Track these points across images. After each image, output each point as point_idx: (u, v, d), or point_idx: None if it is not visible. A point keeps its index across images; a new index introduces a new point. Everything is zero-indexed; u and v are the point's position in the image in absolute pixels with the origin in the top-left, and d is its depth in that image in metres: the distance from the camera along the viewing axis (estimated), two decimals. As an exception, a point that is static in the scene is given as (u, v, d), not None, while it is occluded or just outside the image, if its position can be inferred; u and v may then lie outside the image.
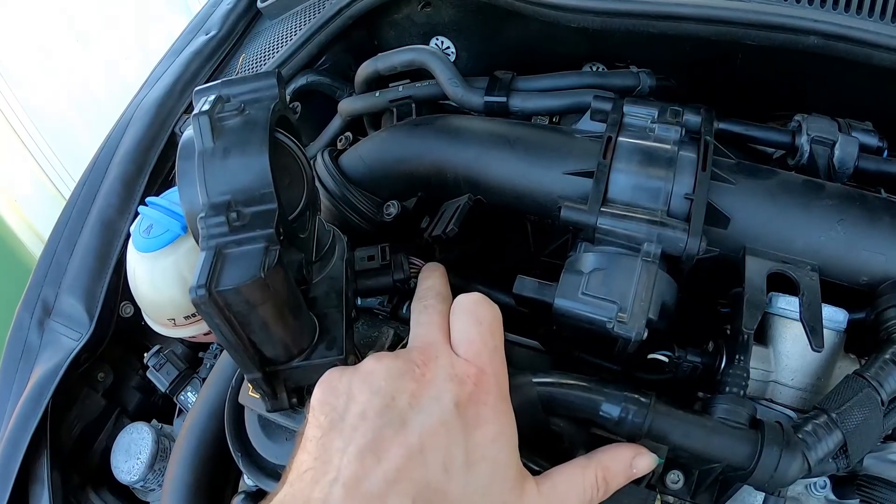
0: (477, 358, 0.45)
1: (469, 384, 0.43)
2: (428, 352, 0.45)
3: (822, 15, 0.64)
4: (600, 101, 0.63)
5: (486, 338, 0.46)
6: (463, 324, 0.47)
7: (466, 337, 0.46)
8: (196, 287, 0.39)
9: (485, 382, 0.44)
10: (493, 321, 0.47)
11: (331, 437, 0.41)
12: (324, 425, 0.42)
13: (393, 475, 0.39)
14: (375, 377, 0.43)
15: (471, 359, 0.45)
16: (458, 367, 0.44)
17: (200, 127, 0.42)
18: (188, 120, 0.94)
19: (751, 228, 0.59)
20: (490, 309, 0.48)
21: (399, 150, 0.70)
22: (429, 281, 0.53)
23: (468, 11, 0.85)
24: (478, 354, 0.45)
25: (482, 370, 0.44)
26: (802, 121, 0.66)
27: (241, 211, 0.42)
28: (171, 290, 0.80)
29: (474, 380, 0.43)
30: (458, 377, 0.43)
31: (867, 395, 0.50)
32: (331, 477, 0.39)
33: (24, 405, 0.82)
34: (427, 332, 0.47)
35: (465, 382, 0.43)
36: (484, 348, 0.45)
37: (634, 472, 0.48)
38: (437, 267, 0.56)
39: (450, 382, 0.43)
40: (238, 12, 1.06)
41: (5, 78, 2.30)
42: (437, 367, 0.44)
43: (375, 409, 0.41)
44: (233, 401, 0.63)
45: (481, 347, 0.45)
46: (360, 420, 0.41)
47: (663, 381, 0.59)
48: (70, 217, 0.94)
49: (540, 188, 0.63)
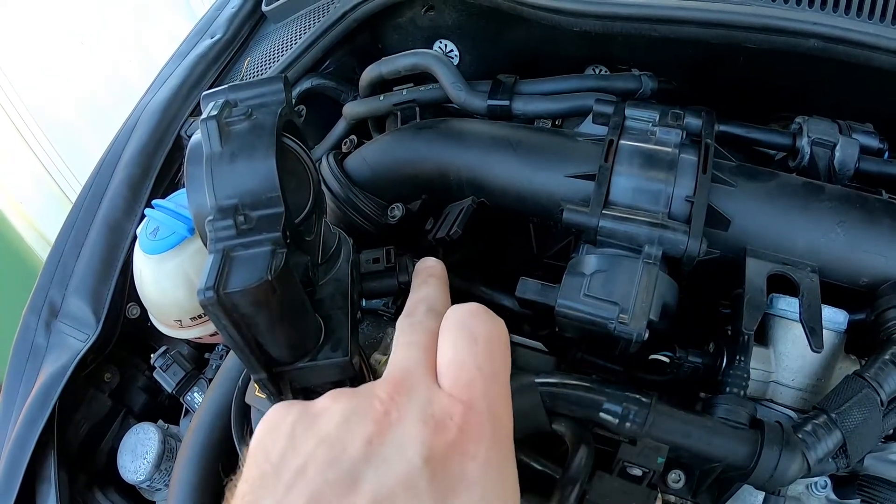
0: (466, 389, 0.34)
1: (450, 429, 0.32)
2: (401, 384, 0.34)
3: (822, 18, 0.65)
4: (602, 104, 0.64)
5: (481, 361, 0.35)
6: (452, 343, 0.36)
7: (456, 359, 0.35)
8: (204, 289, 0.40)
9: (474, 425, 0.33)
10: (492, 338, 0.36)
11: (258, 497, 0.32)
12: (254, 480, 0.33)
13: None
14: (326, 420, 0.33)
15: (458, 392, 0.34)
16: (437, 403, 0.33)
17: (209, 131, 0.43)
18: (194, 123, 0.96)
19: (751, 230, 0.59)
20: (490, 323, 0.37)
21: (403, 153, 0.71)
22: (422, 290, 0.43)
23: (471, 15, 0.85)
24: (468, 385, 0.34)
25: (471, 407, 0.33)
26: (803, 123, 0.67)
27: (248, 214, 0.42)
28: (177, 292, 0.81)
29: (459, 422, 0.33)
30: (434, 419, 0.32)
31: (867, 395, 0.51)
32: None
33: (32, 406, 0.82)
34: (406, 357, 0.37)
35: (445, 427, 0.32)
36: (478, 375, 0.35)
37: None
38: (435, 269, 0.46)
39: (422, 426, 0.32)
40: (243, 16, 1.07)
41: (10, 80, 2.31)
42: (409, 403, 0.33)
43: (319, 462, 0.31)
44: (239, 401, 0.63)
45: (474, 374, 0.35)
46: (297, 477, 0.31)
47: (664, 381, 0.59)
48: (77, 219, 0.94)
49: (542, 191, 0.64)
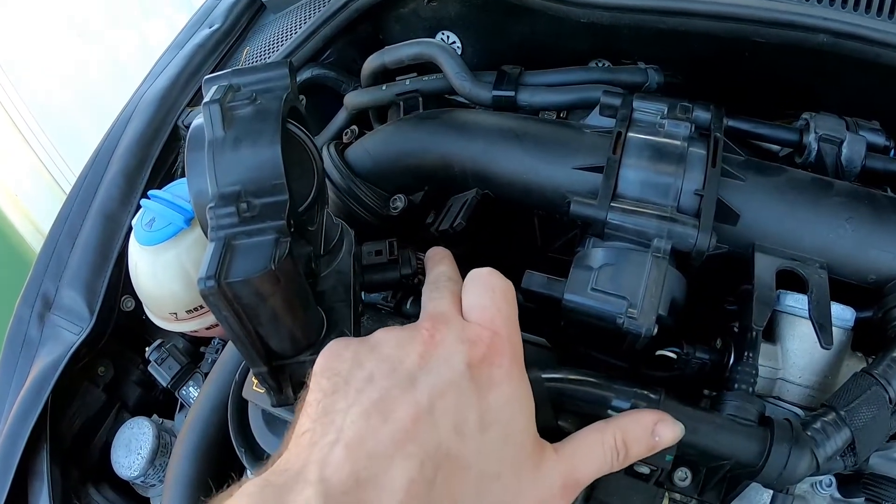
0: (490, 322, 0.43)
1: (481, 346, 0.41)
2: (439, 318, 0.43)
3: (832, 13, 0.64)
4: (609, 96, 0.63)
5: (499, 304, 0.44)
6: (475, 292, 0.45)
7: (479, 303, 0.44)
8: (205, 278, 0.39)
9: (498, 345, 0.42)
10: (506, 290, 0.45)
11: (333, 400, 0.39)
12: (326, 389, 0.40)
13: (400, 435, 0.37)
14: (383, 346, 0.42)
15: (484, 323, 0.43)
16: (470, 330, 0.42)
17: (211, 115, 0.42)
18: (192, 113, 0.95)
19: (760, 225, 0.59)
20: (503, 280, 0.46)
21: (406, 144, 0.69)
22: (439, 267, 0.51)
23: (474, 6, 0.85)
24: (491, 319, 0.43)
25: (496, 332, 0.42)
26: (810, 119, 0.66)
27: (251, 202, 0.41)
28: (172, 284, 0.80)
29: (487, 342, 0.42)
30: (469, 339, 0.42)
31: (875, 392, 0.50)
32: (331, 438, 0.37)
33: (24, 399, 0.82)
34: (437, 305, 0.45)
35: (477, 344, 0.41)
36: (498, 314, 0.44)
37: (657, 440, 0.46)
38: (445, 253, 0.54)
39: (461, 344, 0.41)
40: (242, 5, 1.06)
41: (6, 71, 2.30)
42: (448, 330, 0.42)
43: (383, 372, 0.40)
44: (236, 395, 0.62)
45: (495, 313, 0.44)
46: (366, 383, 0.39)
47: (672, 377, 0.58)
48: (71, 210, 0.93)
49: (548, 183, 0.63)
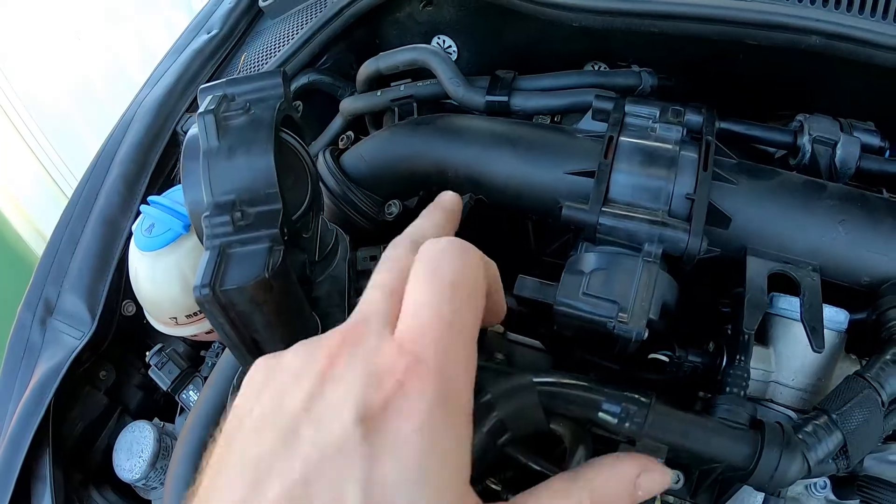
0: (418, 339, 0.31)
1: (388, 384, 0.29)
2: (352, 333, 0.32)
3: (824, 14, 0.64)
4: (602, 100, 0.63)
5: (441, 306, 0.31)
6: (415, 283, 0.33)
7: (413, 304, 0.32)
8: (200, 286, 0.39)
9: (415, 381, 0.29)
10: (461, 282, 0.33)
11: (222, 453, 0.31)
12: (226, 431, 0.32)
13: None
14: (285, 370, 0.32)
15: (409, 341, 0.31)
16: (383, 356, 0.30)
17: (206, 126, 0.42)
18: (190, 119, 0.95)
19: (752, 228, 0.59)
20: (461, 262, 0.33)
21: (401, 149, 0.70)
22: (417, 222, 0.41)
23: (469, 10, 0.85)
24: (420, 334, 0.31)
25: (418, 360, 0.30)
26: (804, 121, 0.66)
27: (245, 210, 0.42)
28: (172, 289, 0.80)
29: (401, 377, 0.29)
30: (377, 373, 0.30)
31: (868, 395, 0.50)
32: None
33: (26, 404, 0.82)
34: (367, 300, 0.34)
35: (384, 382, 0.29)
36: (433, 324, 0.31)
37: (640, 494, 0.37)
38: (445, 201, 0.44)
39: (362, 381, 0.29)
40: (240, 11, 1.06)
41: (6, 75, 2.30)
42: (355, 356, 0.31)
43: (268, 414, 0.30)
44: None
45: (428, 322, 0.31)
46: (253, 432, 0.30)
47: (664, 381, 0.59)
48: (72, 216, 0.94)
49: (541, 188, 0.63)
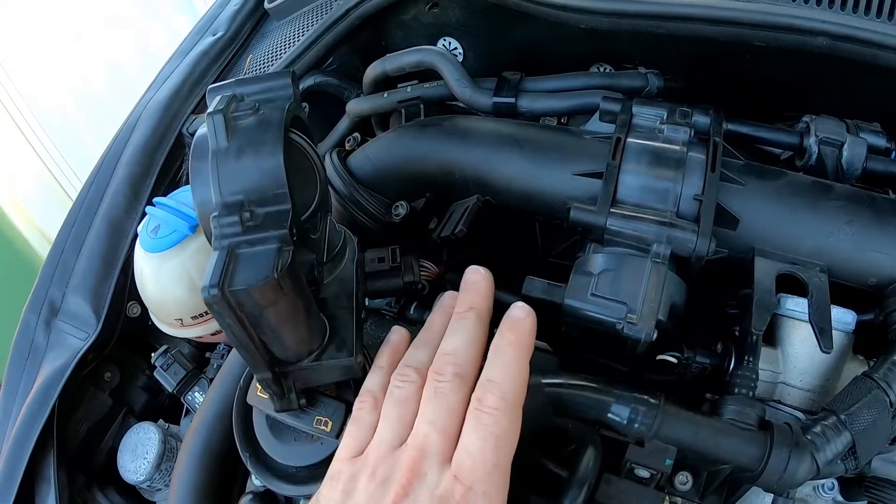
0: (470, 474, 0.42)
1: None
2: (417, 468, 0.43)
3: (830, 16, 0.64)
4: (609, 101, 0.63)
5: (487, 455, 0.43)
6: (469, 432, 0.44)
7: (467, 449, 0.43)
8: (209, 286, 0.39)
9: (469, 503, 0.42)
10: (505, 436, 0.44)
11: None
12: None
13: None
14: (361, 491, 0.43)
15: (462, 475, 0.42)
16: (444, 485, 0.42)
17: (215, 126, 0.42)
18: (196, 121, 0.95)
19: (760, 229, 0.59)
20: (507, 421, 0.44)
21: (407, 151, 0.70)
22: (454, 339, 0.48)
23: (475, 12, 0.85)
24: (472, 470, 0.42)
25: (470, 489, 0.42)
26: (811, 122, 0.66)
27: (254, 211, 0.42)
28: (177, 291, 0.80)
29: (459, 500, 0.41)
30: (440, 498, 0.42)
31: (876, 396, 0.50)
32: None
33: (31, 405, 0.82)
34: (426, 436, 0.44)
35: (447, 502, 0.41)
36: (481, 466, 0.43)
37: None
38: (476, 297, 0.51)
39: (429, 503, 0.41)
40: (245, 13, 1.06)
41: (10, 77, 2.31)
42: (422, 486, 0.42)
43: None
44: (241, 401, 0.63)
45: (478, 464, 0.43)
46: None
47: (672, 382, 0.59)
48: (77, 217, 0.94)
49: (549, 189, 0.63)
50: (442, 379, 0.46)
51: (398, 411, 0.46)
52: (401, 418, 0.46)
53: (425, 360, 0.48)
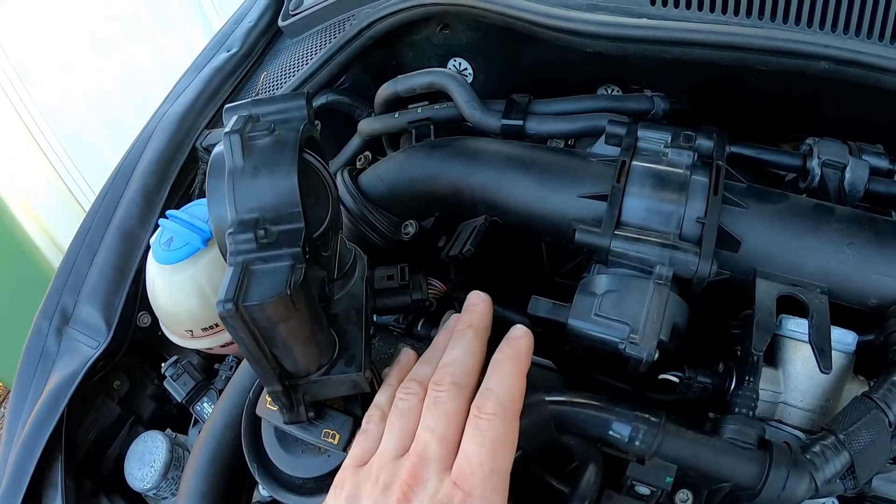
0: (468, 479, 0.43)
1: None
2: (418, 475, 0.44)
3: (833, 40, 0.65)
4: (615, 125, 0.64)
5: (485, 460, 0.44)
6: (469, 438, 0.45)
7: (466, 454, 0.44)
8: (224, 301, 0.40)
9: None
10: (503, 441, 0.45)
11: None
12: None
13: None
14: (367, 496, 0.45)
15: (461, 480, 0.43)
16: (443, 491, 0.43)
17: (231, 145, 0.43)
18: (210, 135, 0.97)
19: (761, 251, 0.60)
20: (503, 427, 0.45)
21: (417, 171, 0.71)
22: (453, 352, 0.50)
23: (485, 34, 0.86)
24: (470, 475, 0.44)
25: (469, 494, 0.43)
26: (814, 144, 0.67)
27: (268, 228, 0.43)
28: (189, 302, 0.81)
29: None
30: (440, 501, 0.43)
31: (875, 416, 0.51)
32: None
33: (40, 411, 0.83)
34: (426, 444, 0.45)
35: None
36: (479, 471, 0.44)
37: None
38: (475, 316, 0.53)
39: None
40: (259, 30, 1.08)
41: (26, 87, 2.34)
42: (423, 492, 0.44)
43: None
44: (250, 412, 0.63)
45: (477, 469, 0.44)
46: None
47: (674, 401, 0.59)
48: (91, 227, 0.95)
49: (555, 210, 0.64)
50: (440, 388, 0.48)
51: (401, 422, 0.48)
52: (403, 429, 0.47)
53: (428, 374, 0.50)
